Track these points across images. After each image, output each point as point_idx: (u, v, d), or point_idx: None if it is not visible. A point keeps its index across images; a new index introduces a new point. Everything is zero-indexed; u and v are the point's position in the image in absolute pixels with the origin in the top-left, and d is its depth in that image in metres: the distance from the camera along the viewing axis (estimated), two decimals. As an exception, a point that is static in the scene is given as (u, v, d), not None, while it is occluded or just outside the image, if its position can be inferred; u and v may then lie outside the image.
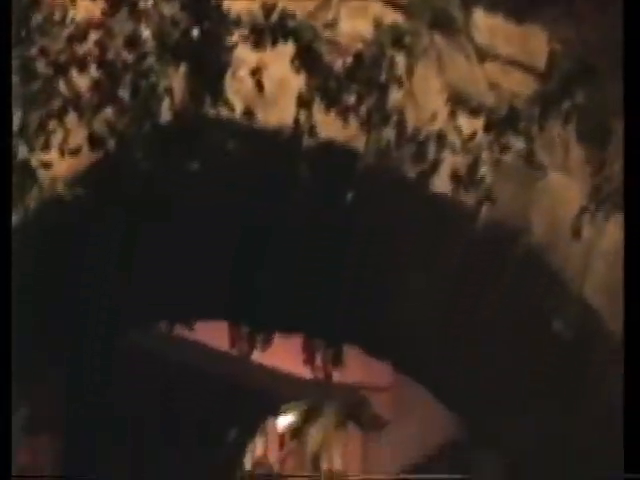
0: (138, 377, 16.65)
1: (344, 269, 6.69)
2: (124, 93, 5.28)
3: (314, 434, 17.52)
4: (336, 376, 13.13)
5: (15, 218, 4.87)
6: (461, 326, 6.97)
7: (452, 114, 6.09)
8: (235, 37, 5.56)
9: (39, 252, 5.35)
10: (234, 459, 19.75)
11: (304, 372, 13.37)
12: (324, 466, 17.33)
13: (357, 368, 14.01)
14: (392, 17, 5.93)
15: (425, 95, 6.03)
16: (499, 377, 7.34)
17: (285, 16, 5.62)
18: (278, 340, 10.98)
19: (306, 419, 17.49)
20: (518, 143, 6.25)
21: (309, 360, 12.29)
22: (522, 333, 6.71)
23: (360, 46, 5.83)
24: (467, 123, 6.13)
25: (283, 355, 13.55)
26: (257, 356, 12.67)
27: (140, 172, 5.32)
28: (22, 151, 4.99)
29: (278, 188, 5.87)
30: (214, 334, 12.81)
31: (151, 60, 5.33)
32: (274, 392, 16.22)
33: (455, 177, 6.02)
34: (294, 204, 6.03)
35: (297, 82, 5.74)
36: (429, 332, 7.28)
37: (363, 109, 5.81)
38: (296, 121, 5.66)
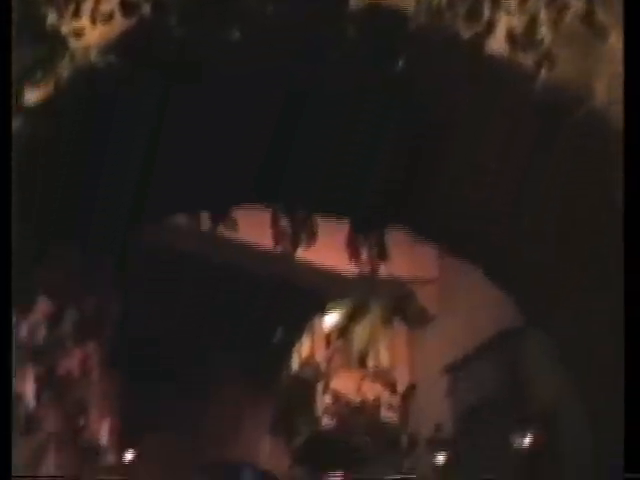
0: (180, 279, 16.62)
1: (391, 138, 6.33)
2: (157, -47, 4.93)
3: (360, 331, 17.44)
4: (382, 270, 12.99)
5: (47, 89, 4.62)
6: (513, 198, 6.63)
7: (507, -29, 5.66)
8: None
9: (72, 122, 5.08)
10: (281, 360, 19.84)
11: (350, 268, 13.23)
12: (370, 363, 17.29)
13: (403, 261, 13.81)
14: None
15: (477, -52, 5.58)
16: (552, 252, 7.00)
17: None
18: (322, 236, 10.80)
19: (352, 317, 17.39)
20: (577, 3, 5.80)
21: (354, 255, 12.10)
22: (578, 204, 6.34)
23: None
24: (523, -20, 5.70)
25: (328, 251, 13.37)
26: (301, 253, 12.53)
27: (175, 38, 4.99)
28: (51, 18, 4.69)
29: (322, 52, 5.50)
30: (257, 233, 12.65)
31: None
32: (320, 290, 16.10)
33: (511, 38, 5.61)
34: (339, 68, 5.65)
35: (339, -60, 5.32)
36: (481, 207, 6.96)
37: (411, -34, 5.39)
38: (339, -19, 5.27)
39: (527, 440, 11.37)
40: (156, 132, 5.89)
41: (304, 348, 18.70)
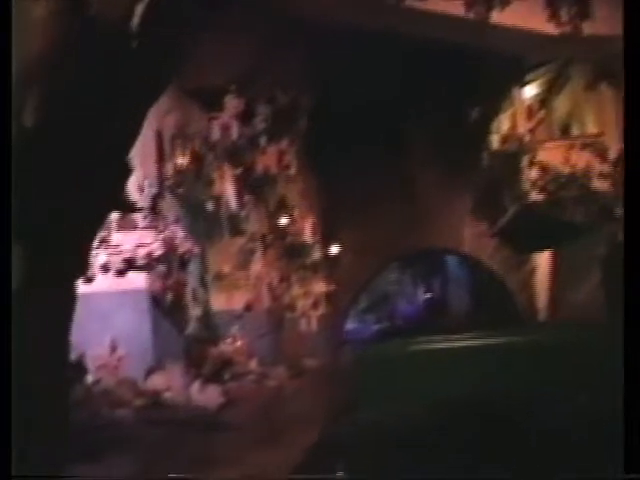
0: (369, 58, 16.05)
1: None
2: None
3: (562, 100, 16.41)
4: (585, 30, 11.90)
5: None
6: None
7: None
8: None
9: None
10: (480, 137, 19.14)
11: (549, 29, 12.20)
12: (576, 132, 16.33)
13: (607, 18, 12.58)
14: None
15: None
16: None
17: None
18: (517, -1, 9.95)
19: (553, 85, 16.32)
20: None
21: (554, 15, 11.12)
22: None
23: None
24: None
25: (525, 13, 12.33)
26: (496, 18, 11.58)
27: None
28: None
29: None
30: (446, 0, 11.83)
31: None
32: (517, 57, 15.06)
33: None
34: None
35: None
36: None
37: None
38: None
39: None
40: None
41: (504, 122, 17.86)
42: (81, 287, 6.76)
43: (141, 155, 10.23)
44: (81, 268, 4.13)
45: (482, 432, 10.21)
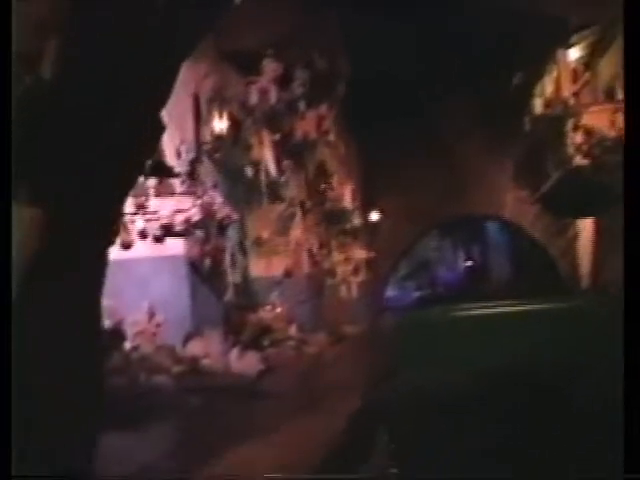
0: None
1: None
2: None
3: (606, 63, 16.00)
4: None
5: None
6: None
7: None
8: None
9: None
10: (523, 101, 18.80)
11: None
12: (619, 96, 15.92)
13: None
14: None
15: None
16: None
17: None
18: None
19: (596, 48, 15.93)
20: None
21: None
22: None
23: None
24: None
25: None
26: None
27: None
28: None
29: None
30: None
31: None
32: (562, 17, 14.75)
33: None
34: None
35: None
36: None
37: None
38: None
39: None
40: None
41: (548, 86, 17.49)
42: (119, 253, 6.67)
43: (178, 119, 10.10)
44: (111, 232, 3.98)
45: (524, 399, 10.08)
